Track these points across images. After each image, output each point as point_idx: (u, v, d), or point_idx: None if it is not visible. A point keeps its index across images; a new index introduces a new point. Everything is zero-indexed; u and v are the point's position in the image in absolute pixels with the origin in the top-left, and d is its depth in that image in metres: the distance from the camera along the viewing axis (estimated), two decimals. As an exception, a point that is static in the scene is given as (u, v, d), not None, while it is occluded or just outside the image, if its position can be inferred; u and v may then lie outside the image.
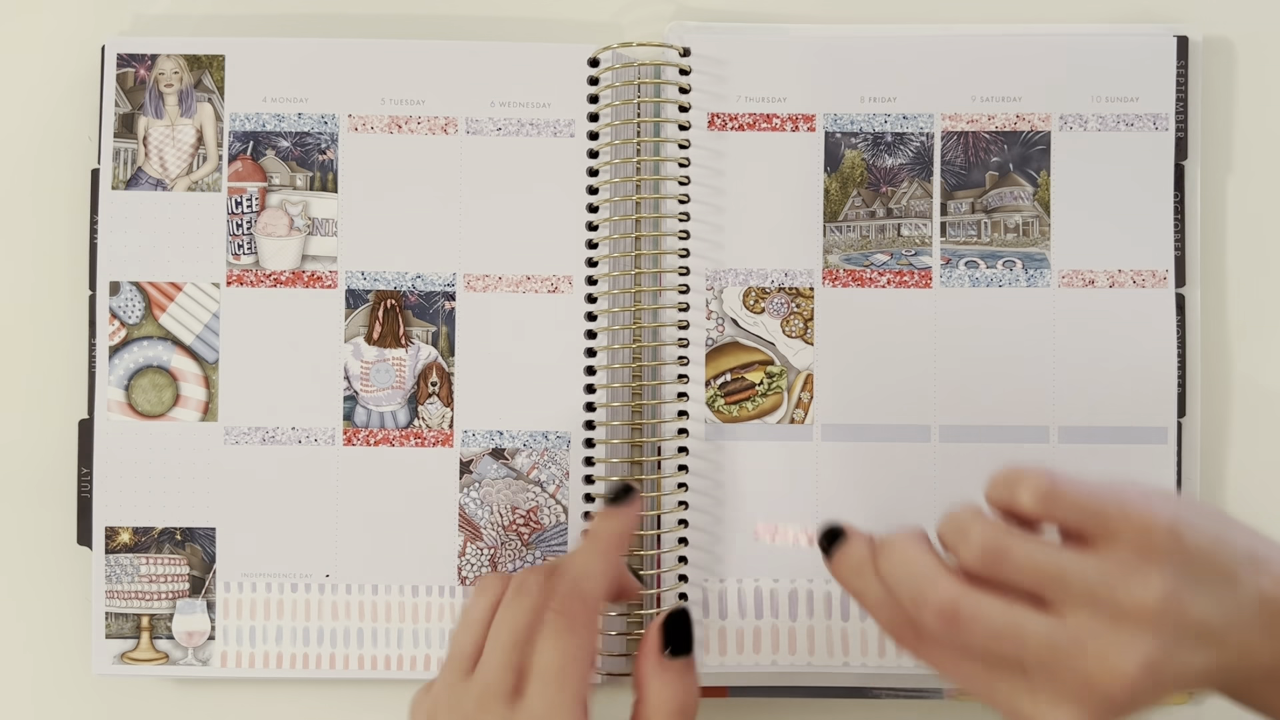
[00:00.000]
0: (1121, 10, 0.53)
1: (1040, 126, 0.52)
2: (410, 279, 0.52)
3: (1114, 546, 0.38)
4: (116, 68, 0.52)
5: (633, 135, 0.52)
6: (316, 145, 0.52)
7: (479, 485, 0.52)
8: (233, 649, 0.52)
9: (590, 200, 0.52)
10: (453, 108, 0.52)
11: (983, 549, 0.38)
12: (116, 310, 0.52)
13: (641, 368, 0.51)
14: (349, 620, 0.52)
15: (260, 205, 0.52)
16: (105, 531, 0.52)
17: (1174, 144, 0.52)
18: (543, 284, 0.52)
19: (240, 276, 0.52)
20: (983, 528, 0.38)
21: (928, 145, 0.52)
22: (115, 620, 0.52)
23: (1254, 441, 0.52)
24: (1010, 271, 0.52)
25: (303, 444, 0.52)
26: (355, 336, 0.52)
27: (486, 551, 0.52)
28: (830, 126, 0.52)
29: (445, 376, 0.52)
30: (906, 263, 0.52)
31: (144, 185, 0.52)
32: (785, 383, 0.52)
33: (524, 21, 0.54)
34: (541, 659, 0.42)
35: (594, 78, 0.52)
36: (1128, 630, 0.37)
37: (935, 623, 0.38)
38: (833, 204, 0.52)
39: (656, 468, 0.51)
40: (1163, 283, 0.51)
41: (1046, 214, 0.52)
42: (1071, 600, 0.37)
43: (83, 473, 0.52)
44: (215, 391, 0.52)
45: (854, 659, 0.51)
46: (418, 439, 0.52)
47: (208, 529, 0.52)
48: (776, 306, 0.52)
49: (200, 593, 0.52)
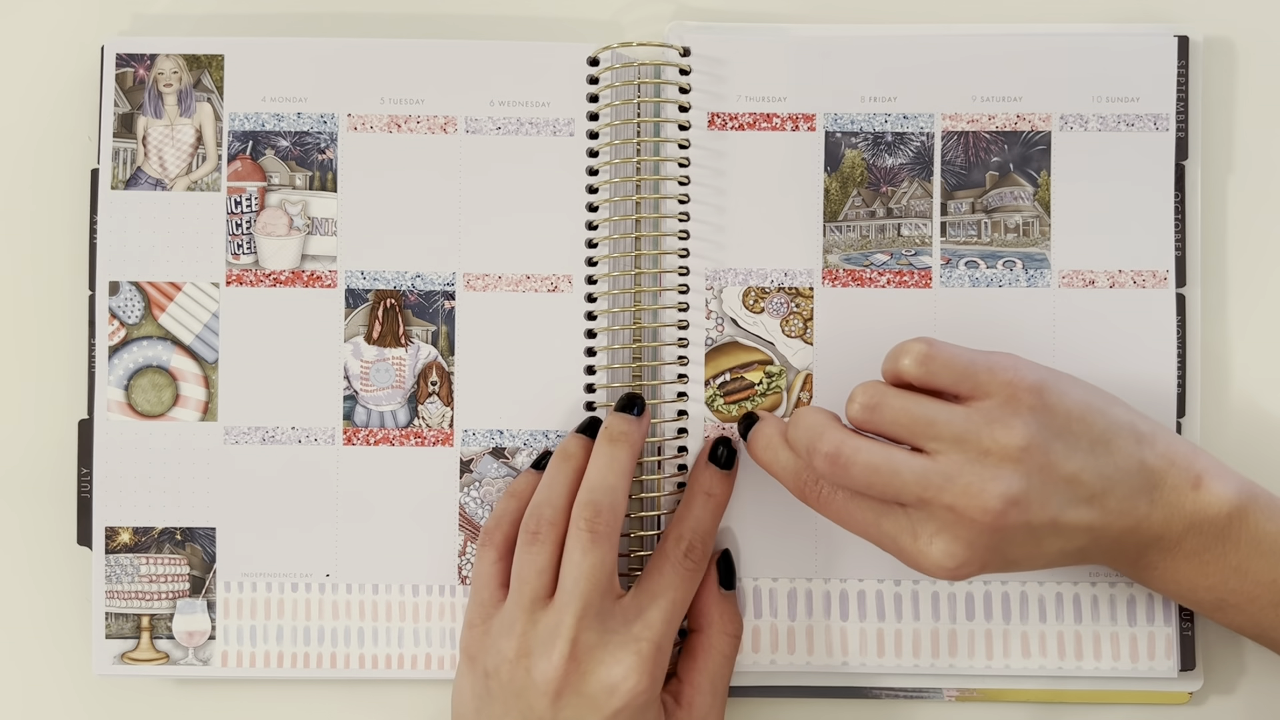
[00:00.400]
0: (1122, 10, 0.53)
1: (1041, 126, 0.52)
2: (410, 278, 0.52)
3: (983, 401, 0.43)
4: (116, 67, 0.52)
5: (633, 135, 0.52)
6: (316, 145, 0.52)
7: (479, 484, 0.52)
8: (233, 649, 0.52)
9: (590, 200, 0.52)
10: (452, 107, 0.52)
11: (862, 404, 0.44)
12: (116, 310, 0.52)
13: (641, 367, 0.51)
14: (349, 620, 0.52)
15: (259, 205, 0.52)
16: (105, 531, 0.52)
17: (1174, 144, 0.51)
18: (543, 283, 0.52)
19: (240, 276, 0.52)
20: (865, 387, 0.45)
21: (928, 145, 0.52)
22: (115, 620, 0.52)
23: (1254, 441, 0.52)
24: (1010, 271, 0.52)
25: (303, 444, 0.52)
26: (355, 336, 0.52)
27: (486, 551, 0.52)
28: (830, 126, 0.52)
29: (445, 376, 0.52)
30: (906, 262, 0.52)
31: (143, 185, 0.52)
32: (784, 382, 0.52)
33: (524, 21, 0.54)
34: (570, 572, 0.46)
35: (594, 77, 0.52)
36: (991, 467, 0.42)
37: (824, 467, 0.44)
38: (833, 204, 0.52)
39: (657, 467, 0.51)
40: (1163, 283, 0.51)
41: (1047, 214, 0.52)
42: (941, 443, 0.43)
43: (82, 473, 0.52)
44: (215, 391, 0.52)
45: (854, 659, 0.51)
46: (418, 438, 0.52)
47: (208, 529, 0.52)
48: (776, 306, 0.52)
49: (200, 592, 0.52)
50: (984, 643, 0.51)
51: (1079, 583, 0.51)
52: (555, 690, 0.45)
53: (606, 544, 0.46)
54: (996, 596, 0.51)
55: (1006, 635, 0.51)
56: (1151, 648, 0.51)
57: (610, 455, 0.48)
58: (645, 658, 0.46)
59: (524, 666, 0.46)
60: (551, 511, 0.48)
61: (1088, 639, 0.51)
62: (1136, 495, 0.44)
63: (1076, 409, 0.44)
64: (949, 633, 0.51)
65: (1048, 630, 0.51)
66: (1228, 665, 0.52)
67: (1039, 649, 0.51)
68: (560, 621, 0.45)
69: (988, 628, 0.51)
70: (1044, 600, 0.51)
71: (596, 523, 0.46)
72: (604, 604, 0.46)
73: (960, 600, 0.51)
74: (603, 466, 0.48)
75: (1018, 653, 0.51)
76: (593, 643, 0.45)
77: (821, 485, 0.46)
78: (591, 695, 0.45)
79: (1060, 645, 0.51)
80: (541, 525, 0.47)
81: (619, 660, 0.45)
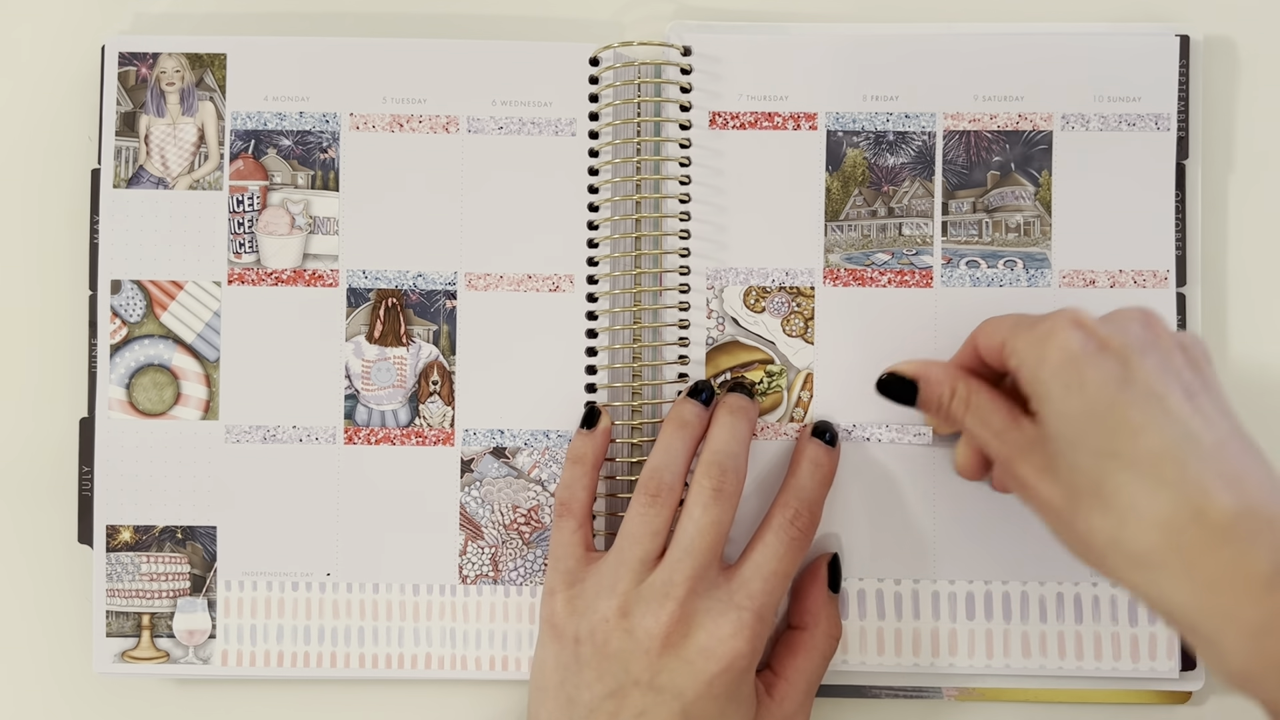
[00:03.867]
0: (1123, 10, 0.53)
1: (1042, 126, 0.52)
2: (411, 278, 0.52)
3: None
4: (118, 66, 0.52)
5: (633, 134, 0.52)
6: (318, 144, 0.52)
7: (480, 484, 0.52)
8: (234, 648, 0.52)
9: (591, 199, 0.52)
10: (454, 106, 0.52)
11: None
12: (117, 309, 0.52)
13: (642, 366, 0.51)
14: (350, 619, 0.52)
15: (261, 204, 0.52)
16: (106, 530, 0.52)
17: (1175, 143, 0.51)
18: (544, 283, 0.52)
19: (241, 275, 0.52)
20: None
21: (929, 144, 0.52)
22: (116, 619, 0.52)
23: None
24: (1011, 271, 0.52)
25: (304, 443, 0.52)
26: (356, 335, 0.52)
27: (488, 550, 0.52)
28: (832, 125, 0.52)
29: (446, 375, 0.52)
30: (908, 262, 0.52)
31: (145, 184, 0.52)
32: (785, 382, 0.52)
33: (525, 20, 0.54)
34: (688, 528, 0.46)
35: (595, 77, 0.52)
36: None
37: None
38: (834, 203, 0.52)
39: (657, 467, 0.51)
40: (1163, 283, 0.51)
41: (1048, 214, 0.52)
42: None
43: (84, 471, 0.52)
44: (216, 390, 0.52)
45: (854, 659, 0.51)
46: (419, 438, 0.52)
47: (208, 527, 0.52)
48: (777, 306, 0.52)
49: (201, 591, 0.52)
50: (984, 643, 0.51)
51: (1079, 583, 0.51)
52: (658, 649, 0.45)
53: (729, 505, 0.46)
54: (997, 596, 0.51)
55: (1007, 635, 0.51)
56: (1152, 648, 0.51)
57: (732, 425, 0.48)
58: (746, 625, 0.45)
59: (624, 627, 0.45)
60: (672, 476, 0.47)
61: (1088, 639, 0.51)
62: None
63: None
64: (949, 633, 0.51)
65: (1048, 630, 0.51)
66: (1229, 666, 0.52)
67: (1039, 649, 0.51)
68: (671, 579, 0.45)
69: (988, 628, 0.51)
70: (1044, 600, 0.51)
71: (724, 481, 0.46)
72: (712, 567, 0.46)
73: (960, 600, 0.51)
74: (726, 435, 0.48)
75: (1018, 653, 0.51)
76: (698, 605, 0.45)
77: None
78: (690, 658, 0.45)
79: (1060, 645, 0.51)
80: (662, 488, 0.47)
81: (721, 625, 0.45)
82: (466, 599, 0.52)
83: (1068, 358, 0.41)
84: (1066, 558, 0.47)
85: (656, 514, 0.47)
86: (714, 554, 0.46)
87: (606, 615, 0.46)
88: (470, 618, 0.52)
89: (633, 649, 0.45)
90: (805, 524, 0.48)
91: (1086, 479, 0.40)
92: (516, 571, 0.52)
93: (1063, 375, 0.41)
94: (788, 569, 0.47)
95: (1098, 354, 0.41)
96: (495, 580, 0.52)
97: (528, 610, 0.52)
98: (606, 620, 0.46)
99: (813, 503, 0.49)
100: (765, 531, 0.48)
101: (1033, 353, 0.42)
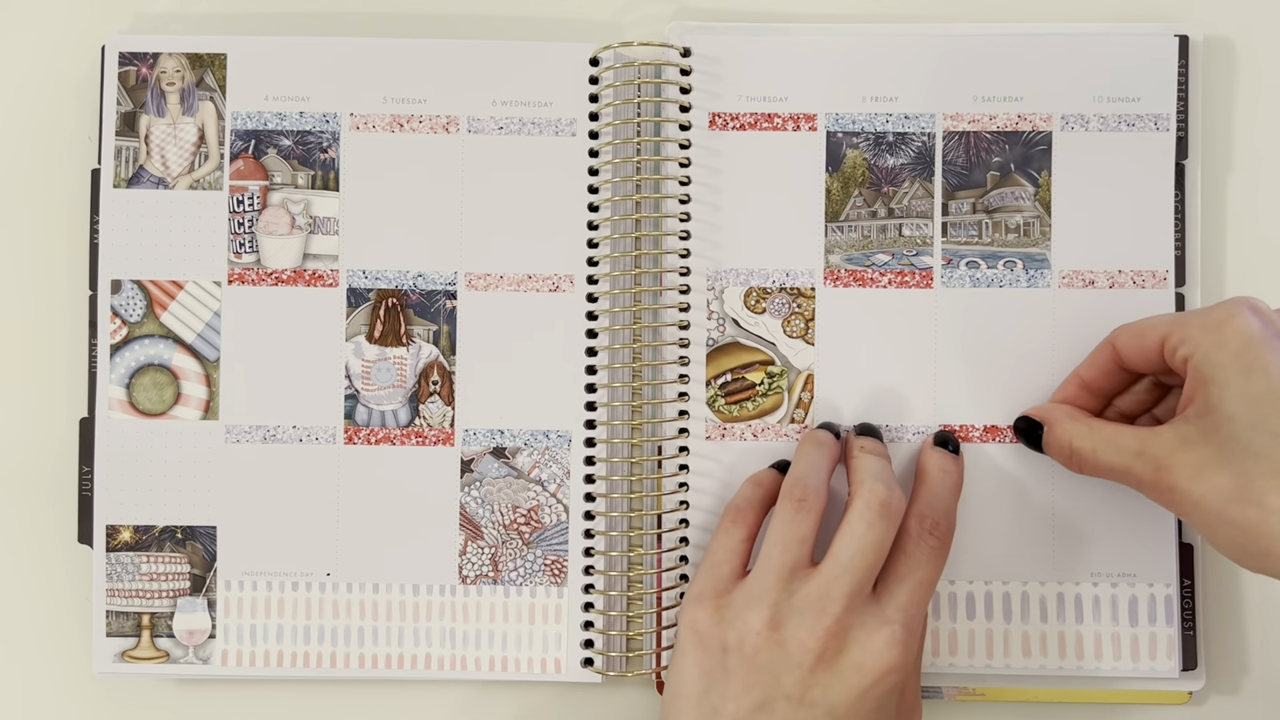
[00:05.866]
0: (1122, 10, 0.53)
1: (1042, 126, 0.52)
2: (411, 278, 0.52)
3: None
4: (118, 66, 0.52)
5: (633, 135, 0.52)
6: (318, 144, 0.52)
7: (480, 484, 0.52)
8: (233, 648, 0.52)
9: (591, 199, 0.52)
10: (454, 107, 0.52)
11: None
12: (118, 308, 0.52)
13: (642, 367, 0.51)
14: (350, 619, 0.52)
15: (262, 204, 0.52)
16: (106, 530, 0.52)
17: (1175, 144, 0.52)
18: (544, 283, 0.52)
19: (242, 275, 0.52)
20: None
21: (929, 145, 0.52)
22: (116, 619, 0.52)
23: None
24: (1011, 272, 0.52)
25: (304, 443, 0.52)
26: (356, 335, 0.52)
27: (487, 550, 0.52)
28: (832, 126, 0.52)
29: (446, 375, 0.52)
30: (908, 263, 0.52)
31: (146, 183, 0.52)
32: (786, 383, 0.52)
33: (525, 21, 0.54)
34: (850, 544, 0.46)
35: (595, 77, 0.52)
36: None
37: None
38: (834, 204, 0.52)
39: (657, 467, 0.51)
40: (1163, 283, 0.51)
41: (1047, 214, 0.52)
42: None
43: (84, 471, 0.52)
44: (216, 390, 0.52)
45: (854, 658, 0.51)
46: (419, 438, 0.52)
47: (208, 527, 0.52)
48: (777, 306, 0.52)
49: (201, 591, 0.52)
50: (984, 643, 0.51)
51: (1080, 583, 0.51)
52: (812, 663, 0.44)
53: (892, 527, 0.46)
54: (997, 596, 0.51)
55: (1007, 635, 0.51)
56: (1153, 648, 0.51)
57: (872, 456, 0.49)
58: (898, 639, 0.45)
59: (775, 639, 0.45)
60: (816, 483, 0.47)
61: (1088, 639, 0.51)
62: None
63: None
64: (949, 633, 0.51)
65: (1048, 630, 0.51)
66: (1229, 665, 0.52)
67: (1039, 649, 0.51)
68: (828, 594, 0.45)
69: (988, 628, 0.51)
70: (1044, 600, 0.51)
71: (889, 504, 0.46)
72: (868, 585, 0.46)
73: (960, 600, 0.51)
74: (871, 463, 0.48)
75: (1018, 653, 0.51)
76: (851, 621, 0.45)
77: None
78: (843, 672, 0.44)
79: (1060, 645, 0.51)
80: (808, 493, 0.47)
81: (874, 639, 0.45)
82: (466, 599, 0.52)
83: (1246, 342, 0.42)
84: (1066, 558, 0.48)
85: (803, 520, 0.46)
86: (872, 574, 0.46)
87: (757, 626, 0.45)
88: (470, 618, 0.52)
89: (784, 662, 0.44)
90: (944, 532, 0.47)
91: (1267, 461, 0.41)
92: (516, 572, 0.52)
93: (1243, 358, 0.42)
94: (931, 578, 0.47)
95: (1277, 339, 0.42)
96: (495, 580, 0.52)
97: (527, 610, 0.52)
98: (757, 631, 0.45)
99: (947, 510, 0.48)
100: (904, 541, 0.47)
101: (1208, 338, 0.43)
